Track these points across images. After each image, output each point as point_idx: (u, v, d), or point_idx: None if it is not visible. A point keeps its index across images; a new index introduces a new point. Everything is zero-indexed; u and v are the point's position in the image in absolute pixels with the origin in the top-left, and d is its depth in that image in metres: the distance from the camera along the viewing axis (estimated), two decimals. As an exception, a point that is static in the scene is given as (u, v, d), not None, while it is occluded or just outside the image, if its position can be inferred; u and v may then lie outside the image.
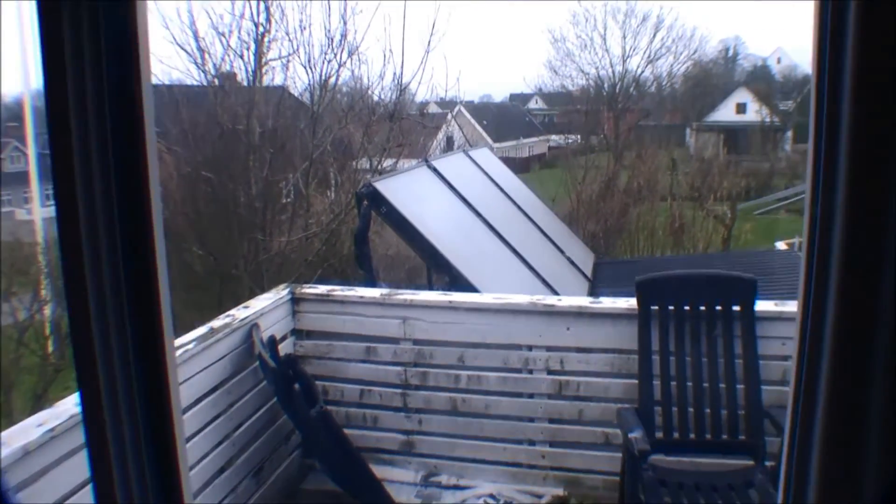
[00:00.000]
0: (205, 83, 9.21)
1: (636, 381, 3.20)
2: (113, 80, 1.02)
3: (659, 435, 3.14)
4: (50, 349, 8.74)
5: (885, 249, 0.81)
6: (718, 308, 3.20)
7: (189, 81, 9.08)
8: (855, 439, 0.87)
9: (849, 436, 0.87)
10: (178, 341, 2.91)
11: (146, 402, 1.12)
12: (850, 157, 0.82)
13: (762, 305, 3.17)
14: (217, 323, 3.20)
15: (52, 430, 2.14)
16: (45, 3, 0.99)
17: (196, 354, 2.94)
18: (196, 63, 9.02)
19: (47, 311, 8.73)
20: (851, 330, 0.85)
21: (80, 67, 1.00)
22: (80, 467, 2.19)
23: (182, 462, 1.16)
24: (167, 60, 8.81)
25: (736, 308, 3.17)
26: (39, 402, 7.54)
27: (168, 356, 1.13)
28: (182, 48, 8.80)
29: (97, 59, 1.01)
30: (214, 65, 9.17)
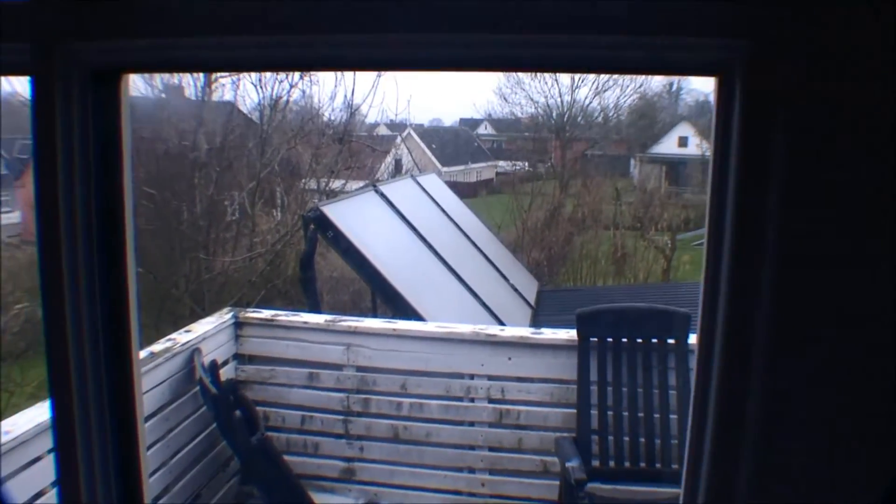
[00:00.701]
0: (151, 96, 9.09)
1: (574, 411, 3.29)
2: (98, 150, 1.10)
3: (596, 464, 3.22)
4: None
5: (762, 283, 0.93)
6: (654, 341, 3.31)
7: (133, 93, 8.92)
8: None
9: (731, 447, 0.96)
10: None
11: (114, 410, 1.17)
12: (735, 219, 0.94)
13: (695, 339, 3.29)
14: (158, 347, 3.15)
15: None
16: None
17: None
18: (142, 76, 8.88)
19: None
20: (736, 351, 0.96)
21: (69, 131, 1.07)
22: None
23: (144, 468, 1.21)
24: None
25: (671, 341, 3.29)
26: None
27: (135, 366, 1.21)
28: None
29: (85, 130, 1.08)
30: (162, 78, 9.07)
